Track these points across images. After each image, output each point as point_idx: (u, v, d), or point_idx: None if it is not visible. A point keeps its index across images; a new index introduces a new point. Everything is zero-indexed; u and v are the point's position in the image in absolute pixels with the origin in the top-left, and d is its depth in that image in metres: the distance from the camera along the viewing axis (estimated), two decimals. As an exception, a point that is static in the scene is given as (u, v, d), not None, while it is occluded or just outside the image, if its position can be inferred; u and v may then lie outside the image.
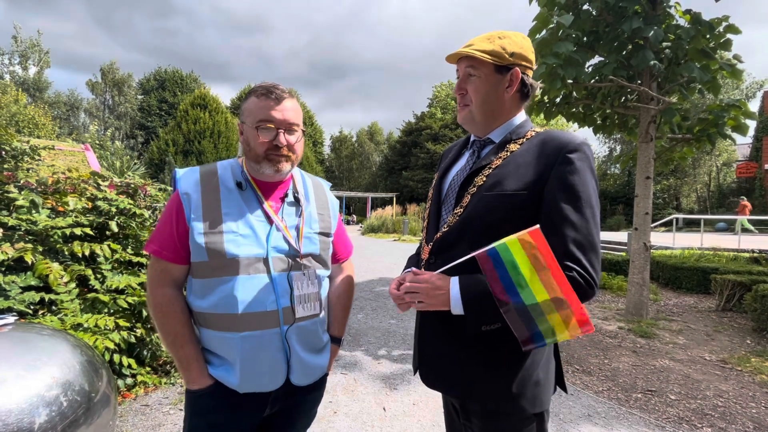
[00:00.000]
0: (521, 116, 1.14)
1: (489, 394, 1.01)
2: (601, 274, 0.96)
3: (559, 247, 0.92)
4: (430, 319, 1.11)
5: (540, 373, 1.02)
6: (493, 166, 1.05)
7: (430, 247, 1.11)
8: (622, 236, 13.77)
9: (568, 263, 0.92)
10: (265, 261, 1.10)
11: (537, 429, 1.03)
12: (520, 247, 0.87)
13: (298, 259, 1.15)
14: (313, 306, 1.18)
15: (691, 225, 19.91)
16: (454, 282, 0.99)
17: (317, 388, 1.27)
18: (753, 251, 8.18)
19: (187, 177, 1.13)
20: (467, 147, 1.22)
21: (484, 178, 1.04)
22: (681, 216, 15.58)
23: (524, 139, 1.07)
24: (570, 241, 0.93)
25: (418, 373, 1.18)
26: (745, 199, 16.79)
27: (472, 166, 1.11)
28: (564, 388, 1.14)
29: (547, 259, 0.86)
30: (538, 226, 0.87)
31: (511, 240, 0.87)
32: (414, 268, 1.08)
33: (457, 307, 0.97)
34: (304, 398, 1.23)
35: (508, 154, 1.05)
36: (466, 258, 0.95)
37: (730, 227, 17.05)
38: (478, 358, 1.01)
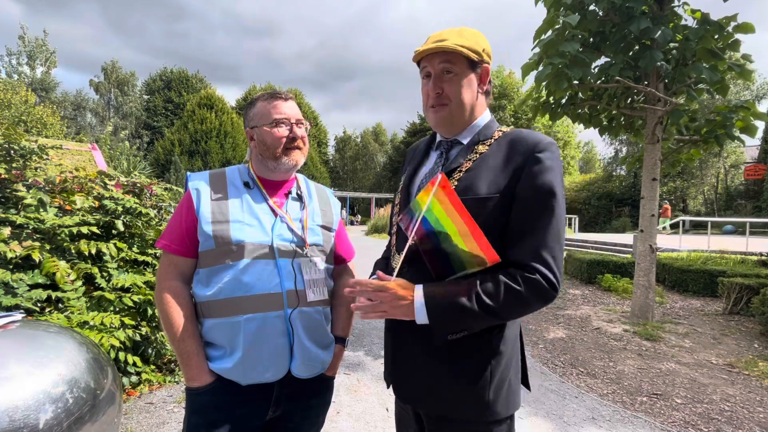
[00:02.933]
0: (487, 115, 1.11)
1: (464, 405, 0.98)
2: (562, 274, 0.97)
3: (530, 247, 0.92)
4: (397, 329, 1.08)
5: (512, 375, 1.02)
6: (464, 169, 1.02)
7: (402, 256, 1.00)
8: (627, 238, 13.68)
9: (536, 265, 0.91)
10: (271, 248, 1.15)
11: (507, 430, 1.03)
12: (440, 207, 0.94)
13: (303, 248, 1.20)
14: (322, 292, 1.22)
15: (697, 227, 19.72)
16: (418, 290, 0.95)
17: (323, 392, 1.26)
18: (761, 254, 8.09)
19: (198, 176, 1.23)
20: (433, 147, 1.17)
21: (456, 182, 1.01)
22: (688, 218, 15.39)
23: (492, 140, 1.04)
24: (542, 242, 0.92)
25: (391, 387, 1.11)
26: (668, 203, 19.62)
27: (442, 168, 1.07)
28: (527, 387, 1.13)
29: (463, 218, 0.92)
30: (441, 175, 0.95)
31: (430, 202, 0.94)
32: (379, 272, 1.03)
33: (421, 317, 0.93)
34: (309, 403, 1.22)
35: (477, 156, 1.02)
36: (407, 248, 0.97)
37: (738, 229, 17.03)
38: (453, 370, 0.98)
